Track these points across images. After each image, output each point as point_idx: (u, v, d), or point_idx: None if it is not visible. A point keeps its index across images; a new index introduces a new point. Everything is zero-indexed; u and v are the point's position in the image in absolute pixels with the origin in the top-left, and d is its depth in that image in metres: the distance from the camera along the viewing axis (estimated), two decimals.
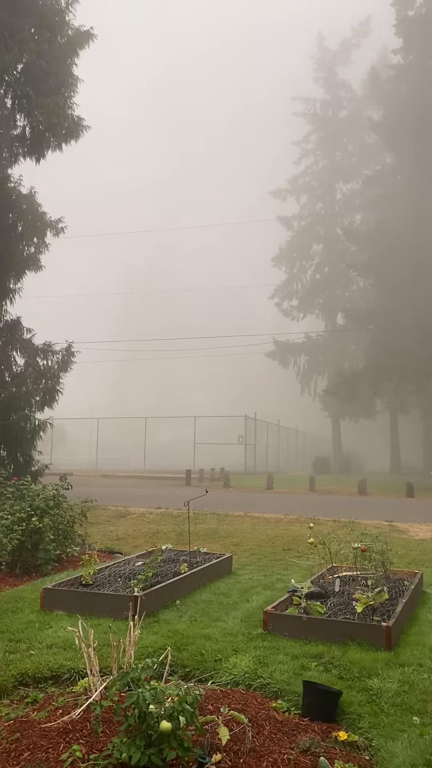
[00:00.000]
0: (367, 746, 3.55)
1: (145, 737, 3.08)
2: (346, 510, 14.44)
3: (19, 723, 3.74)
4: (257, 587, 7.13)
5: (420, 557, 9.13)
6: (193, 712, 3.14)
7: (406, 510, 15.18)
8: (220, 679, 4.42)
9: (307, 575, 7.19)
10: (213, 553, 8.27)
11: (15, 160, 15.49)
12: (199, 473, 26.78)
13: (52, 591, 6.25)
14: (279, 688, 4.24)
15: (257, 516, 13.08)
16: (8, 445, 14.49)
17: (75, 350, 15.79)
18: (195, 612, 6.06)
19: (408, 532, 11.53)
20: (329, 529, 10.91)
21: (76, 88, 15.00)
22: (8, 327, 15.58)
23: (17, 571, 8.02)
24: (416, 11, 30.84)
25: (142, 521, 12.55)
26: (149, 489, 20.99)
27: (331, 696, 3.93)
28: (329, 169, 42.23)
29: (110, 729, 3.45)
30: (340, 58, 42.66)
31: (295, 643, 5.06)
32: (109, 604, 5.89)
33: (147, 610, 5.54)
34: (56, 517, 8.74)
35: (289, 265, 43.45)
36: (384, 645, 4.97)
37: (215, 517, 12.67)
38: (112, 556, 9.15)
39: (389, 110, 31.66)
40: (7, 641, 5.22)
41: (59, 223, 16.14)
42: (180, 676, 4.46)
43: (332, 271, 40.92)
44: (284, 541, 10.35)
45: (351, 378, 30.42)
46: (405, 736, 3.60)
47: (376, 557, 6.74)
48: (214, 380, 69.34)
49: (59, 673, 4.56)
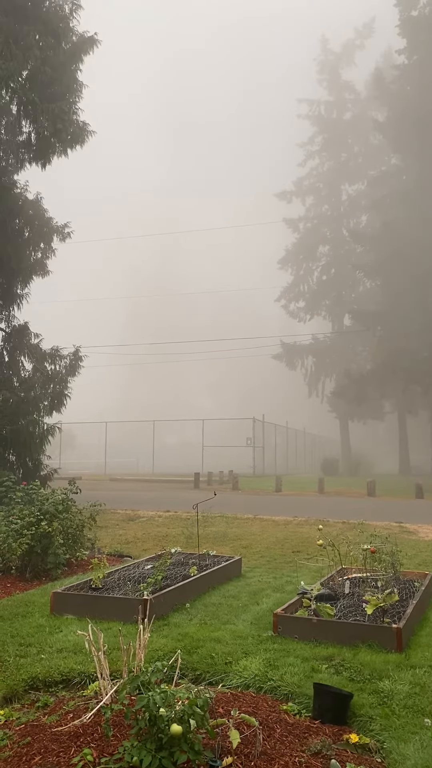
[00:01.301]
0: (378, 749, 3.53)
1: (155, 741, 3.07)
2: (355, 512, 14.39)
3: (30, 727, 3.75)
4: (267, 590, 7.11)
5: (430, 558, 9.08)
6: (204, 715, 3.14)
7: (415, 511, 15.12)
8: (231, 682, 4.41)
9: (316, 577, 7.16)
10: (222, 556, 8.26)
11: (21, 166, 15.57)
12: (208, 476, 26.76)
13: (61, 595, 6.26)
14: (290, 691, 4.22)
15: (266, 518, 13.05)
16: (17, 449, 14.53)
17: (82, 354, 15.83)
18: (205, 615, 6.05)
19: (418, 533, 11.48)
20: (338, 531, 10.87)
21: (80, 93, 15.08)
22: (16, 332, 15.65)
23: (27, 576, 8.04)
24: (420, 11, 30.85)
25: (151, 524, 12.55)
26: (158, 492, 21.00)
27: (342, 698, 3.92)
28: (334, 171, 42.21)
29: (121, 733, 3.45)
30: (343, 59, 42.69)
31: (306, 646, 5.04)
32: (118, 608, 5.89)
33: (157, 613, 5.54)
34: (65, 521, 8.76)
35: (296, 267, 43.44)
36: (395, 647, 4.95)
37: (224, 519, 12.66)
38: (122, 559, 9.15)
39: (394, 111, 31.62)
40: (18, 645, 5.23)
41: (66, 228, 16.22)
42: (190, 680, 4.45)
43: (339, 273, 40.87)
44: (293, 544, 10.32)
45: (359, 379, 30.36)
46: (417, 739, 3.58)
47: (386, 559, 6.71)
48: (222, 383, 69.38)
49: (70, 677, 4.56)
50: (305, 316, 43.25)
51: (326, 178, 42.70)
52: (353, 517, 13.10)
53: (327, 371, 41.62)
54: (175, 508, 14.34)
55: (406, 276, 29.30)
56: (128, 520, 13.20)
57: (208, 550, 8.31)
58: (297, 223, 43.22)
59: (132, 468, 38.13)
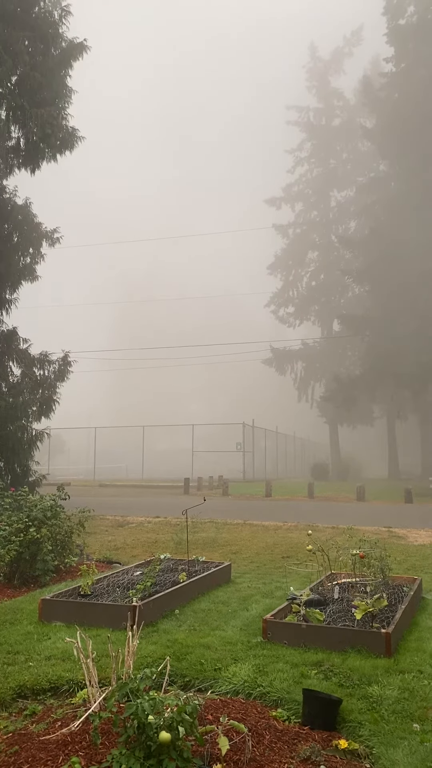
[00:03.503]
0: (367, 754, 3.54)
1: (144, 748, 3.06)
2: (345, 516, 14.43)
3: (18, 736, 3.72)
4: (256, 595, 7.11)
5: (419, 563, 9.12)
6: (193, 722, 3.13)
7: (404, 516, 15.17)
8: (220, 689, 4.40)
9: (306, 583, 7.17)
10: (212, 562, 8.24)
11: (10, 171, 15.55)
12: (198, 481, 26.73)
13: (50, 602, 6.22)
14: (279, 697, 4.22)
15: (256, 524, 13.05)
16: (5, 455, 14.45)
17: (72, 360, 15.80)
18: (194, 621, 6.04)
19: (407, 538, 11.52)
20: (328, 536, 10.89)
21: (70, 99, 15.10)
22: (4, 337, 15.58)
23: (15, 582, 7.98)
24: (407, 20, 31.13)
25: (140, 530, 12.51)
26: (147, 498, 20.94)
27: (332, 704, 3.92)
28: (323, 177, 42.43)
29: (109, 740, 3.43)
30: (332, 66, 42.96)
31: (295, 651, 5.04)
32: (107, 615, 5.87)
33: (146, 619, 5.52)
34: (54, 528, 8.71)
35: (285, 273, 43.59)
36: (384, 652, 4.96)
37: (214, 525, 12.65)
38: (111, 566, 9.12)
39: (382, 118, 31.88)
40: (5, 653, 5.19)
41: (55, 234, 16.22)
42: (179, 686, 4.44)
43: (328, 278, 41.04)
44: (283, 549, 10.33)
45: (348, 384, 30.46)
46: (406, 744, 3.59)
47: (375, 563, 6.73)
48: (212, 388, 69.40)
49: (58, 685, 4.53)
50: (295, 322, 43.37)
51: (315, 184, 42.91)
52: (343, 522, 13.13)
53: (316, 376, 41.76)
54: (164, 513, 14.31)
55: (394, 281, 29.48)
56: (117, 526, 13.15)
57: (198, 556, 8.30)
58: (286, 229, 43.39)
59: (122, 474, 38.00)
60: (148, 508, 15.87)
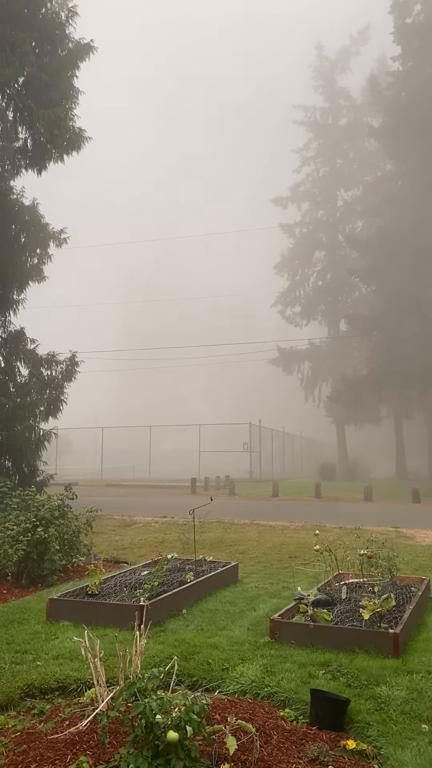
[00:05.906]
0: (376, 755, 3.53)
1: (152, 748, 3.06)
2: (352, 516, 14.39)
3: (26, 735, 3.73)
4: (263, 595, 7.10)
5: (427, 563, 9.08)
6: (200, 721, 3.13)
7: (412, 516, 15.12)
8: (227, 689, 4.40)
9: (313, 583, 7.15)
10: (219, 562, 8.24)
11: (17, 172, 15.57)
12: (204, 481, 26.72)
13: (57, 601, 6.24)
14: (286, 697, 4.21)
15: (263, 524, 13.04)
16: (13, 455, 14.48)
17: (79, 360, 15.80)
18: (201, 621, 6.04)
19: (414, 538, 11.48)
20: (335, 536, 10.87)
21: (76, 99, 15.10)
22: (12, 338, 15.62)
23: (23, 582, 8.01)
24: (414, 18, 31.03)
25: (147, 530, 12.52)
26: (154, 498, 20.95)
27: (339, 704, 3.91)
28: (330, 176, 42.35)
29: (117, 740, 3.44)
30: (338, 65, 42.89)
31: (302, 651, 5.03)
32: (115, 614, 5.88)
33: (153, 619, 5.53)
34: (61, 528, 8.73)
35: (292, 273, 43.51)
36: (392, 652, 4.94)
37: (221, 525, 12.64)
38: (118, 565, 9.13)
39: (389, 117, 31.77)
40: (14, 652, 5.21)
41: (62, 234, 16.21)
42: (187, 686, 4.44)
43: (334, 278, 40.96)
44: (290, 549, 10.31)
45: (355, 384, 30.38)
46: (414, 744, 3.57)
47: (383, 564, 6.71)
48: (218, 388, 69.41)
49: (66, 684, 4.54)
50: (301, 321, 43.30)
51: (322, 183, 42.83)
52: (350, 522, 13.09)
53: (323, 376, 41.68)
54: (171, 513, 14.31)
55: (401, 281, 29.39)
56: (125, 525, 13.17)
57: (205, 556, 8.30)
58: (293, 228, 43.32)
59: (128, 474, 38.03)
60: (155, 508, 15.88)
